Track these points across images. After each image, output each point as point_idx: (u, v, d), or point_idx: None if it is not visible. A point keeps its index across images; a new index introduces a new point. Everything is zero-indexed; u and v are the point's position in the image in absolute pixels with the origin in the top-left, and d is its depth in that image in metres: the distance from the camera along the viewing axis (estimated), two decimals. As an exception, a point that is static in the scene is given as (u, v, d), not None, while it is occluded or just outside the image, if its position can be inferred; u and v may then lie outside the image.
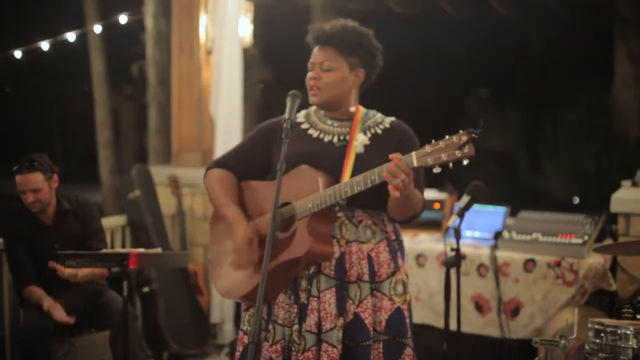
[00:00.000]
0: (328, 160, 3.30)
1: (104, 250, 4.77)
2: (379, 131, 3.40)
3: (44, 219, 4.86)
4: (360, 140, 3.32)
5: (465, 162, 2.84)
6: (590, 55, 10.88)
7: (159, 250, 4.81)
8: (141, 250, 4.58)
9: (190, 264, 6.33)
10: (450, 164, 2.86)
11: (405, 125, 3.47)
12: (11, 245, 4.83)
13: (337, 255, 3.27)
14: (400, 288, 3.33)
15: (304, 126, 3.45)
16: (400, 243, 3.45)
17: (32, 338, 4.53)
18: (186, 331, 6.19)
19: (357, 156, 3.29)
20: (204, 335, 6.33)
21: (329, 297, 3.22)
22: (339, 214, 3.28)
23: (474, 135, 2.81)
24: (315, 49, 3.44)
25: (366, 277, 3.27)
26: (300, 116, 3.49)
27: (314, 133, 3.43)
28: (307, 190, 3.21)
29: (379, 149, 3.29)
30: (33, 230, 4.83)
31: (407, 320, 3.35)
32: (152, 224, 6.18)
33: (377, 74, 3.51)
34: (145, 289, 6.00)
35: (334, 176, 3.25)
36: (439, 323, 5.12)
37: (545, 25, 11.36)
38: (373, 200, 3.27)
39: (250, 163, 3.52)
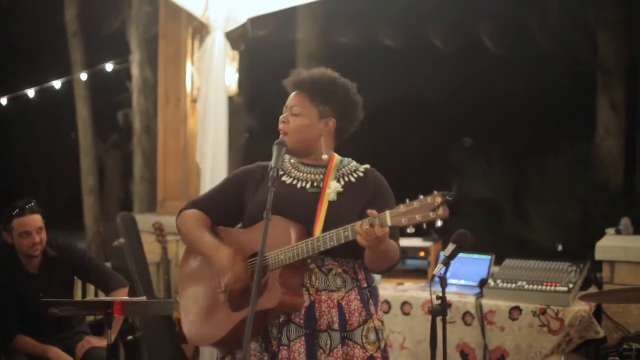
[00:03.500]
0: (300, 207, 3.30)
1: (88, 299, 4.75)
2: (353, 179, 3.41)
3: (30, 268, 4.83)
4: (333, 188, 3.33)
5: (439, 223, 2.87)
6: (574, 104, 10.98)
7: (144, 298, 4.79)
8: (126, 298, 4.57)
9: (175, 312, 6.29)
10: (425, 225, 2.89)
11: (379, 174, 3.48)
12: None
13: (307, 304, 3.25)
14: (372, 336, 3.31)
15: (279, 173, 3.44)
16: (373, 290, 3.44)
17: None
18: (170, 380, 6.15)
19: (330, 204, 3.30)
20: (188, 384, 6.29)
21: (299, 347, 3.21)
22: (312, 266, 3.27)
23: (448, 198, 2.84)
24: (292, 94, 3.48)
25: (336, 326, 3.24)
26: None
27: (287, 180, 3.43)
28: (279, 241, 3.20)
29: (352, 197, 3.31)
30: (18, 279, 4.79)
31: None
32: (136, 272, 6.15)
33: (356, 126, 3.53)
34: (130, 338, 5.95)
35: (306, 224, 3.25)
36: (425, 372, 5.10)
37: (529, 75, 11.48)
38: (343, 249, 3.23)
39: (224, 208, 3.52)
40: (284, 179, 3.43)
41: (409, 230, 2.94)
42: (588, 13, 9.90)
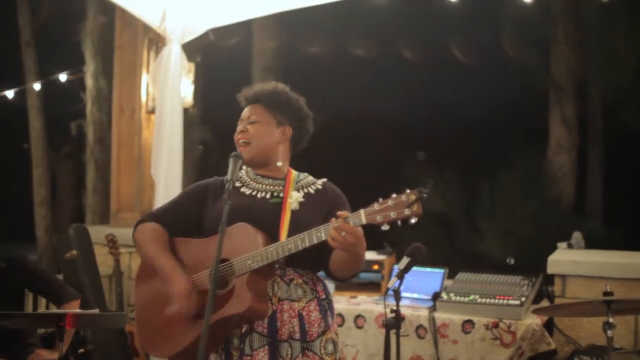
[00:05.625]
0: (262, 216, 3.30)
1: (40, 311, 4.68)
2: (312, 191, 3.45)
3: (-23, 279, 4.76)
4: (294, 197, 3.36)
5: (413, 220, 2.86)
6: (526, 119, 11.08)
7: (96, 311, 4.74)
8: (78, 310, 4.52)
9: (127, 325, 6.23)
10: (399, 222, 2.87)
11: (335, 187, 3.52)
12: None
13: (269, 313, 3.25)
14: (330, 347, 3.33)
15: (237, 184, 3.45)
16: (329, 302, 3.46)
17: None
18: (122, 394, 6.09)
19: (293, 212, 3.31)
20: (140, 398, 6.23)
21: (262, 356, 3.20)
22: (277, 272, 3.27)
23: (423, 195, 2.84)
24: (246, 107, 3.53)
25: (297, 336, 3.25)
26: None
27: (246, 191, 3.44)
28: (246, 247, 3.19)
29: (313, 206, 3.33)
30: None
31: None
32: (89, 284, 6.09)
33: (307, 139, 3.61)
34: (81, 350, 5.88)
35: (270, 232, 3.25)
36: (378, 385, 5.11)
37: (483, 90, 11.57)
38: (305, 260, 3.28)
39: (182, 220, 3.50)
40: (242, 190, 3.45)
41: (383, 228, 2.90)
42: (541, 31, 10.01)
